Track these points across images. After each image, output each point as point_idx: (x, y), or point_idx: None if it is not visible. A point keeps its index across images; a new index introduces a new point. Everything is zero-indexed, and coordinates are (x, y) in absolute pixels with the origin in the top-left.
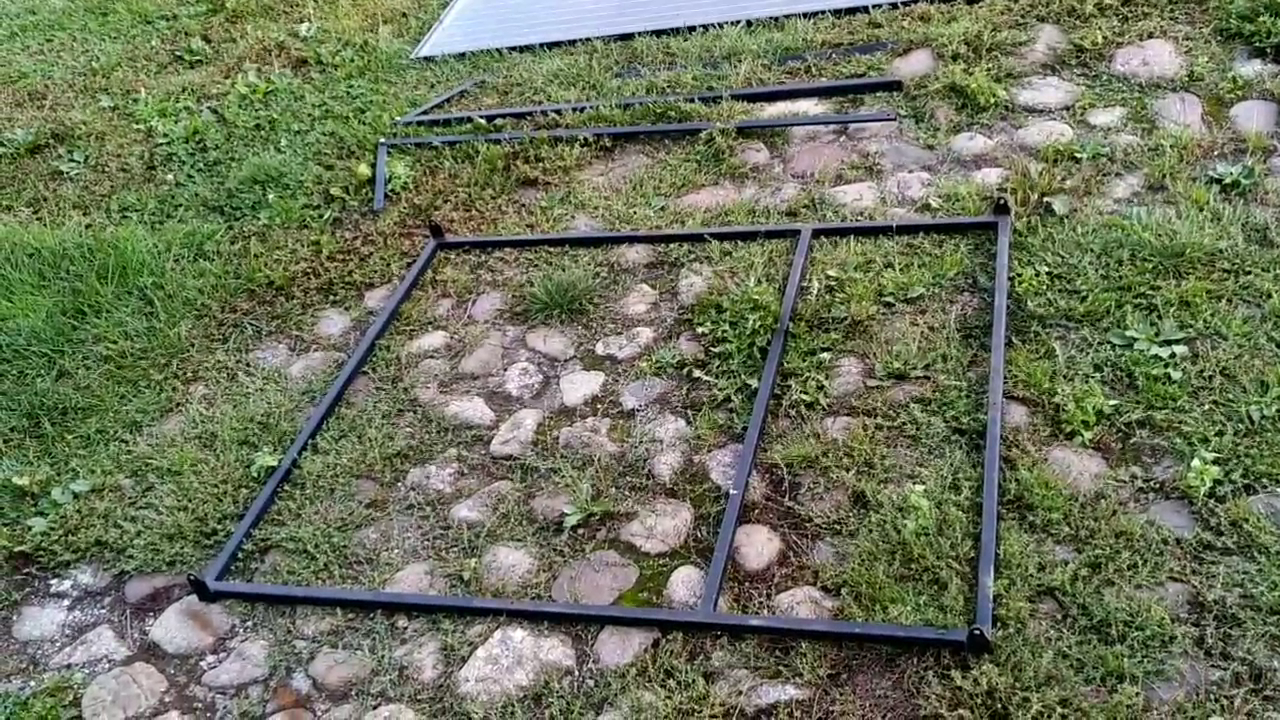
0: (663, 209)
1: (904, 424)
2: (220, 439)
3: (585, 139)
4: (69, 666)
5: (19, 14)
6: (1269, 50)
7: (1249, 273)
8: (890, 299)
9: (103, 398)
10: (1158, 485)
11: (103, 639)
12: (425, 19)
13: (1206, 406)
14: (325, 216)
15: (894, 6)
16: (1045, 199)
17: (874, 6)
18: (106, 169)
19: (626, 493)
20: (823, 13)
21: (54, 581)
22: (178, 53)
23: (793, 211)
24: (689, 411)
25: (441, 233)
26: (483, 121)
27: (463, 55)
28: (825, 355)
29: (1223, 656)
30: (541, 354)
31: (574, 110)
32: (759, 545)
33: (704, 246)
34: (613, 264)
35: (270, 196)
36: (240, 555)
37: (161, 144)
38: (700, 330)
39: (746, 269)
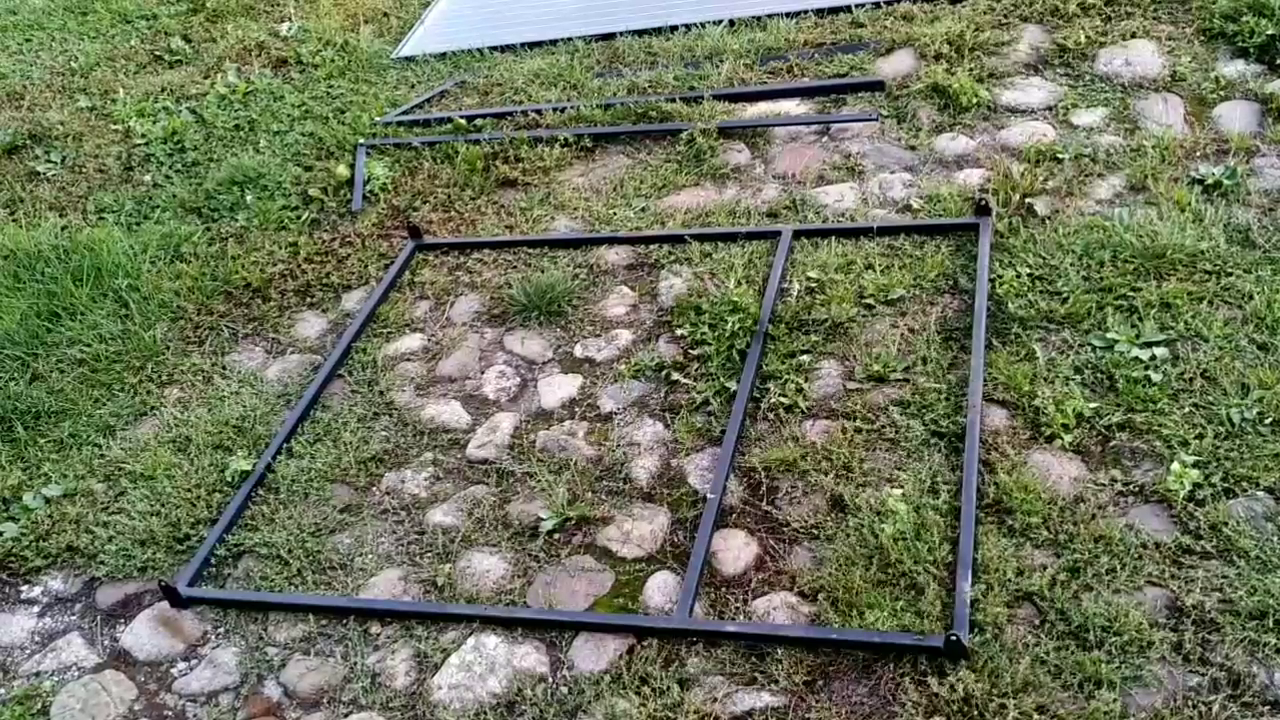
0: (643, 210)
1: (883, 427)
2: (194, 443)
3: (566, 139)
4: (38, 674)
5: None
6: (1252, 50)
7: (1230, 274)
8: (871, 301)
9: (76, 401)
10: (1137, 489)
11: (72, 646)
12: (406, 18)
13: (1187, 409)
14: (303, 218)
15: (877, 6)
16: (1027, 200)
17: (857, 6)
18: (84, 170)
19: (603, 497)
20: (805, 12)
21: (24, 588)
22: (157, 52)
23: (773, 212)
24: (667, 415)
25: (420, 234)
26: (463, 122)
27: (443, 55)
28: (805, 358)
29: (1201, 662)
30: (519, 356)
31: (554, 110)
32: (736, 550)
33: (684, 248)
34: (592, 265)
35: (248, 198)
36: (213, 561)
37: (139, 144)
38: (679, 332)
39: (727, 270)
